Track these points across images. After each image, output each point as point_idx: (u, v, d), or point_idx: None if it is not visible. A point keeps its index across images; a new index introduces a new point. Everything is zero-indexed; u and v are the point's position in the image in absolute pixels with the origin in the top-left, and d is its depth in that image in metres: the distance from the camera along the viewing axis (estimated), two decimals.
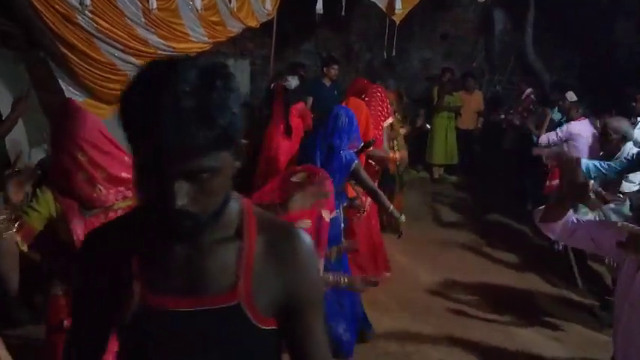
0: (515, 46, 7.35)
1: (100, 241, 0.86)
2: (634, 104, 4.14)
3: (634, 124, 3.70)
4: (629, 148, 3.31)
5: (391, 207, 2.89)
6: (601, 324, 3.19)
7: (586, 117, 4.43)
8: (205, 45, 4.05)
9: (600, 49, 6.49)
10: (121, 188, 1.71)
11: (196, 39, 3.98)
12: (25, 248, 1.50)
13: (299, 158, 2.94)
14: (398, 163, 4.19)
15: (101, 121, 1.84)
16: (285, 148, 3.92)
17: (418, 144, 6.21)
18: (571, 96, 5.55)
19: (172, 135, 0.67)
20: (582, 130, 4.32)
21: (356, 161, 2.71)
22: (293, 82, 4.51)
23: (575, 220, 1.62)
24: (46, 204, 1.62)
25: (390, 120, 3.78)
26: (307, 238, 0.86)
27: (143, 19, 3.64)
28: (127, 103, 0.71)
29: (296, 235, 0.85)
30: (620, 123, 3.43)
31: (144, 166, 0.72)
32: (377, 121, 3.59)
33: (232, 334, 0.81)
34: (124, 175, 1.71)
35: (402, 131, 4.40)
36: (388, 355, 2.87)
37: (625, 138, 3.34)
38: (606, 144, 3.51)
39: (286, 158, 3.74)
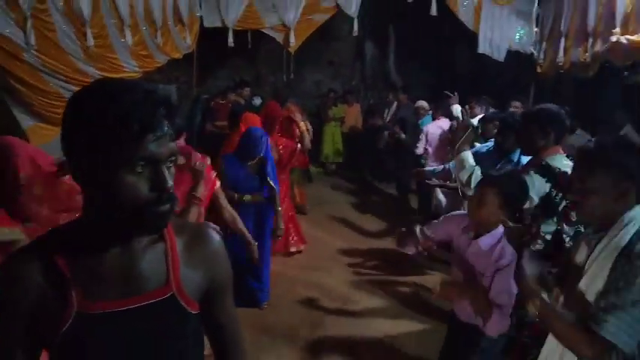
0: (382, 69, 9.08)
1: (24, 261, 0.82)
2: (467, 107, 4.87)
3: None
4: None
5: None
6: None
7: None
8: (137, 74, 4.54)
9: (445, 67, 8.19)
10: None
11: (129, 69, 4.47)
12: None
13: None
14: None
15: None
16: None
17: (314, 146, 7.34)
18: (423, 105, 6.86)
19: (162, 125, 0.76)
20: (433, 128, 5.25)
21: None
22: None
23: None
24: None
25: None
26: (216, 235, 0.98)
27: (82, 55, 4.06)
28: (114, 108, 0.73)
29: (207, 235, 0.97)
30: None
31: (129, 159, 0.74)
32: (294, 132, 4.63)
33: (168, 321, 0.88)
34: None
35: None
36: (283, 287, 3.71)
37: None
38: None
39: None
